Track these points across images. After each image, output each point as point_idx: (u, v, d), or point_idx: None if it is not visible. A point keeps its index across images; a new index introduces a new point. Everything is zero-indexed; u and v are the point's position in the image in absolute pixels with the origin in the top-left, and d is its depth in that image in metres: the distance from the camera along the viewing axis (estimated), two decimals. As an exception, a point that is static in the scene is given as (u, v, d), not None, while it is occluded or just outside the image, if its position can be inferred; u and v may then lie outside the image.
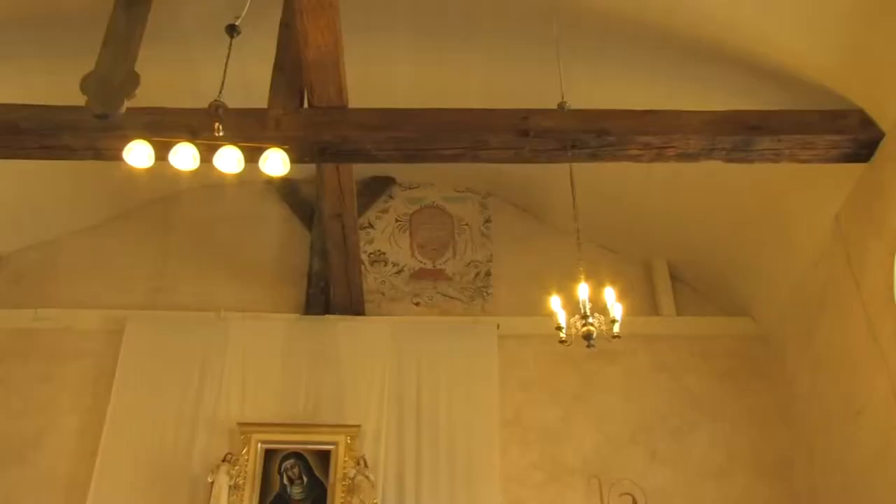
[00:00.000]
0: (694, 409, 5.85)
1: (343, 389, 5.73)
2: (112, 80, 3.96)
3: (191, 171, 3.69)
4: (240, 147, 3.60)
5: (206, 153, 3.61)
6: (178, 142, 3.60)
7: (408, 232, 6.88)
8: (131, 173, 3.88)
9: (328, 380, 5.78)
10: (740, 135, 4.26)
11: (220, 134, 3.54)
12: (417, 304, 6.49)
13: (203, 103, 3.61)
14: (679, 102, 4.44)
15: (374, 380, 5.79)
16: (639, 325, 5.86)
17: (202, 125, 3.73)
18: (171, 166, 3.65)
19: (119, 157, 3.68)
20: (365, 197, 6.83)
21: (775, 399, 5.82)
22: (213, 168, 3.61)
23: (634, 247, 6.58)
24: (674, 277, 6.52)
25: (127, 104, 3.98)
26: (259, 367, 5.84)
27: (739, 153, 4.36)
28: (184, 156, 3.59)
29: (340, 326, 6.07)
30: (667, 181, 5.73)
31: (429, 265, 6.70)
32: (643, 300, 6.36)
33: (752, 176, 4.89)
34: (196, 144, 3.59)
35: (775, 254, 5.56)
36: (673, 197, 5.91)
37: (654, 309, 6.37)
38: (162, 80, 4.54)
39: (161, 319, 6.05)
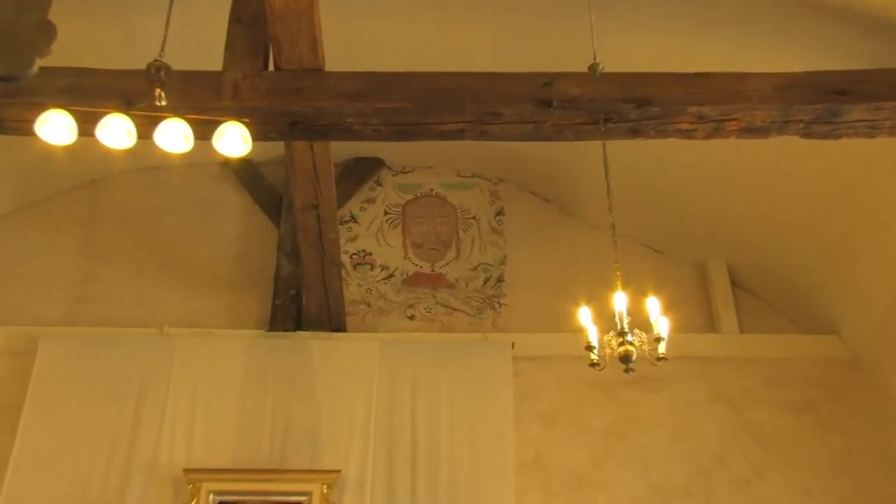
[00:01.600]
0: (763, 451, 5.84)
1: (318, 426, 5.76)
2: (19, 31, 3.68)
3: (124, 151, 3.67)
4: (187, 120, 3.60)
5: (145, 127, 3.60)
6: (108, 112, 3.58)
7: (400, 227, 6.94)
8: (47, 152, 3.88)
9: (300, 414, 5.81)
10: (823, 102, 4.17)
11: (163, 103, 3.52)
12: (412, 317, 6.55)
13: (140, 64, 3.58)
14: (743, 63, 4.41)
15: (357, 414, 5.83)
16: (691, 345, 5.98)
17: (139, 92, 3.72)
18: (98, 144, 3.61)
19: (30, 132, 3.65)
20: (346, 183, 6.89)
21: (871, 439, 5.79)
22: (153, 146, 3.61)
23: (685, 245, 6.64)
24: (735, 284, 6.57)
25: (39, 63, 3.78)
26: (212, 399, 5.85)
27: (822, 126, 4.28)
28: (115, 130, 3.57)
29: (315, 346, 6.11)
30: (727, 163, 5.75)
31: (426, 269, 6.76)
32: (696, 313, 6.43)
33: (839, 156, 4.88)
34: (131, 116, 3.59)
35: (868, 255, 5.55)
36: (734, 183, 5.93)
37: (710, 324, 6.44)
38: (86, 32, 4.48)
39: (85, 338, 5.99)
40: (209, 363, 5.96)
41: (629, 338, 3.97)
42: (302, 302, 6.25)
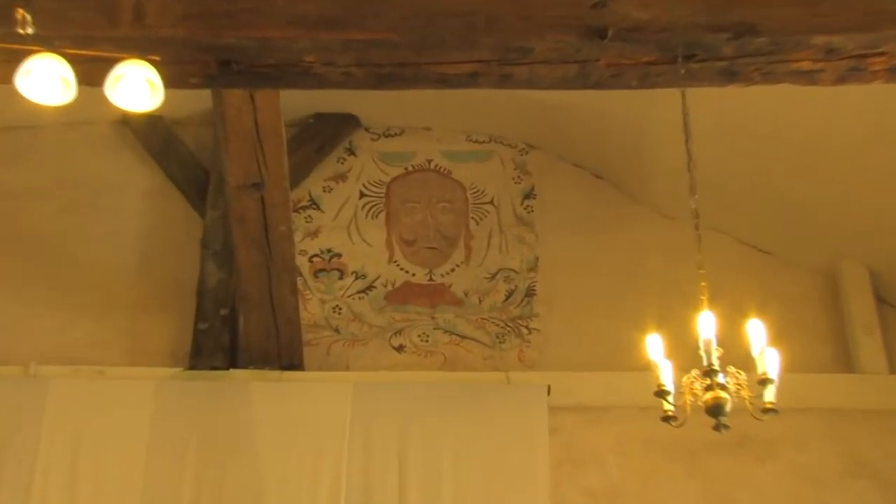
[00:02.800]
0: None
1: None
2: None
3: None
4: (66, 57, 3.59)
5: (2, 66, 3.61)
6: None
7: (383, 216, 6.99)
8: None
9: (233, 486, 5.86)
10: None
11: (29, 31, 3.53)
12: (400, 348, 6.60)
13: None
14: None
15: (318, 489, 5.87)
16: (816, 390, 5.99)
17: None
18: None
19: None
20: (304, 152, 6.95)
21: None
22: (15, 96, 3.60)
23: (804, 243, 6.68)
24: (882, 300, 6.60)
25: None
26: (103, 464, 5.87)
27: None
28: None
29: (258, 391, 6.16)
30: (868, 121, 5.73)
31: (421, 277, 6.81)
32: (823, 342, 6.46)
33: None
34: (-22, 50, 3.57)
35: None
36: (879, 152, 5.90)
37: (844, 359, 6.43)
38: None
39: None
40: (99, 415, 6.00)
41: (721, 379, 3.99)
42: (238, 326, 6.34)
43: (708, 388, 3.99)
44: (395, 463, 5.98)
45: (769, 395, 4.00)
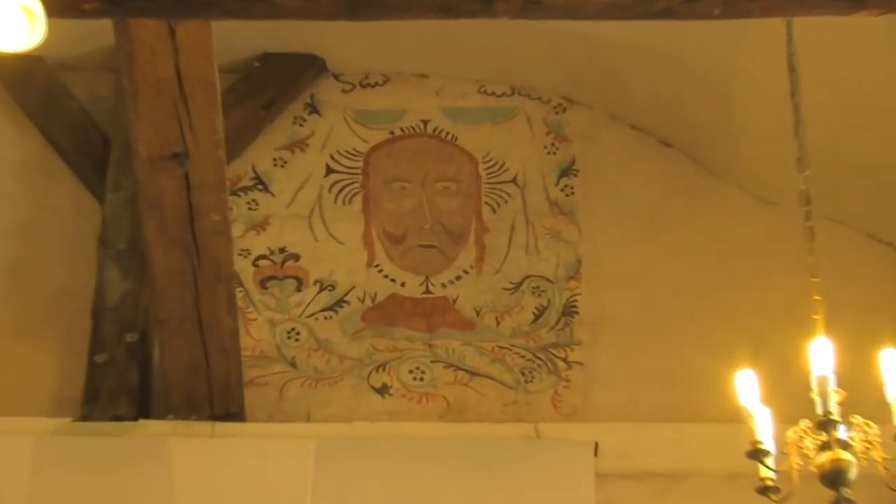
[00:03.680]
0: None
1: None
2: None
3: None
4: None
5: None
6: None
7: (358, 201, 7.04)
8: None
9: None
10: None
11: None
12: (384, 389, 6.60)
13: None
14: None
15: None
16: None
17: None
18: None
19: None
20: (246, 108, 6.99)
21: None
22: None
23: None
24: None
25: None
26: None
27: None
28: None
29: (179, 451, 6.16)
30: None
31: (414, 287, 6.85)
32: None
33: None
34: None
35: None
36: None
37: None
38: None
39: None
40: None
41: (842, 434, 3.99)
42: (152, 359, 6.37)
43: (824, 447, 4.00)
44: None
45: (915, 454, 3.97)
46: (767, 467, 4.16)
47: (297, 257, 6.90)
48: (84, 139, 6.99)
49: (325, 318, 6.77)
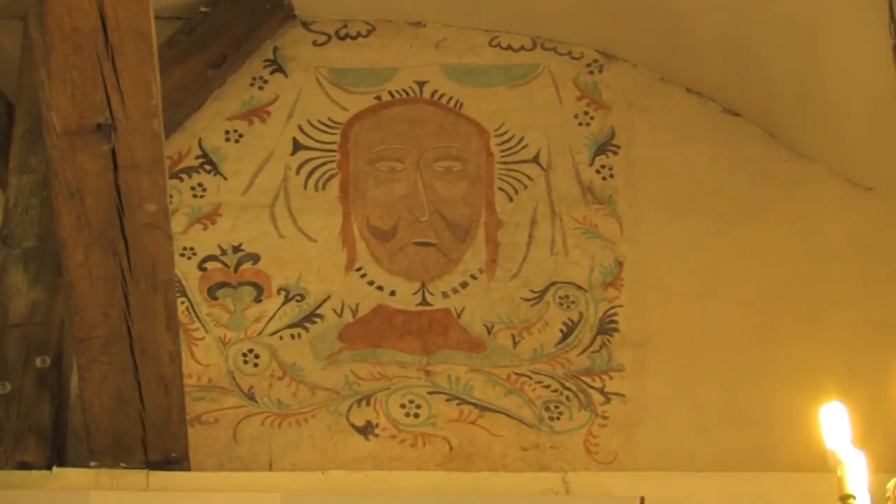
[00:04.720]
0: None
1: None
2: None
3: None
4: None
5: None
6: None
7: (335, 185, 6.77)
8: None
9: None
10: None
11: None
12: (369, 428, 6.29)
13: None
14: None
15: None
16: None
17: None
18: None
19: None
20: (191, 67, 6.83)
21: None
22: None
23: None
24: None
25: None
26: None
27: None
28: None
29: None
30: None
31: (406, 297, 6.56)
32: None
33: None
34: None
35: None
36: None
37: None
38: None
39: None
40: None
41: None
42: (68, 390, 6.07)
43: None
44: None
45: None
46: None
47: (255, 258, 6.56)
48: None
49: (292, 336, 6.42)
